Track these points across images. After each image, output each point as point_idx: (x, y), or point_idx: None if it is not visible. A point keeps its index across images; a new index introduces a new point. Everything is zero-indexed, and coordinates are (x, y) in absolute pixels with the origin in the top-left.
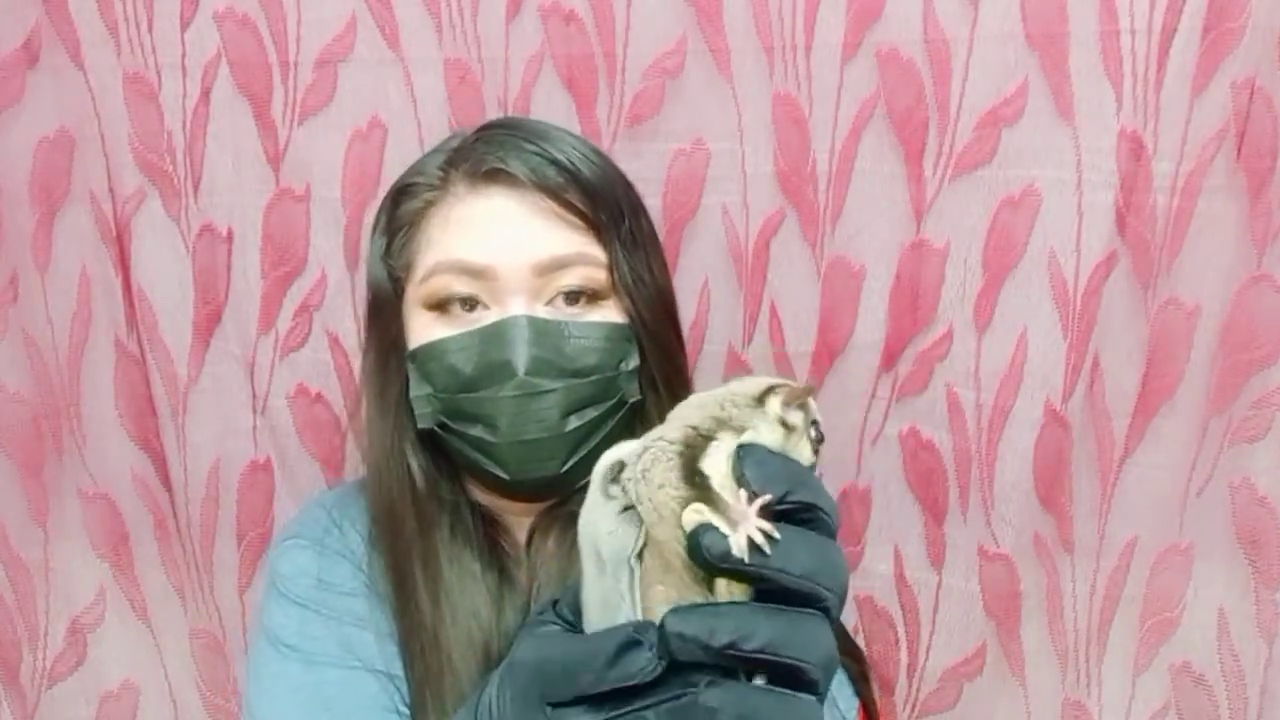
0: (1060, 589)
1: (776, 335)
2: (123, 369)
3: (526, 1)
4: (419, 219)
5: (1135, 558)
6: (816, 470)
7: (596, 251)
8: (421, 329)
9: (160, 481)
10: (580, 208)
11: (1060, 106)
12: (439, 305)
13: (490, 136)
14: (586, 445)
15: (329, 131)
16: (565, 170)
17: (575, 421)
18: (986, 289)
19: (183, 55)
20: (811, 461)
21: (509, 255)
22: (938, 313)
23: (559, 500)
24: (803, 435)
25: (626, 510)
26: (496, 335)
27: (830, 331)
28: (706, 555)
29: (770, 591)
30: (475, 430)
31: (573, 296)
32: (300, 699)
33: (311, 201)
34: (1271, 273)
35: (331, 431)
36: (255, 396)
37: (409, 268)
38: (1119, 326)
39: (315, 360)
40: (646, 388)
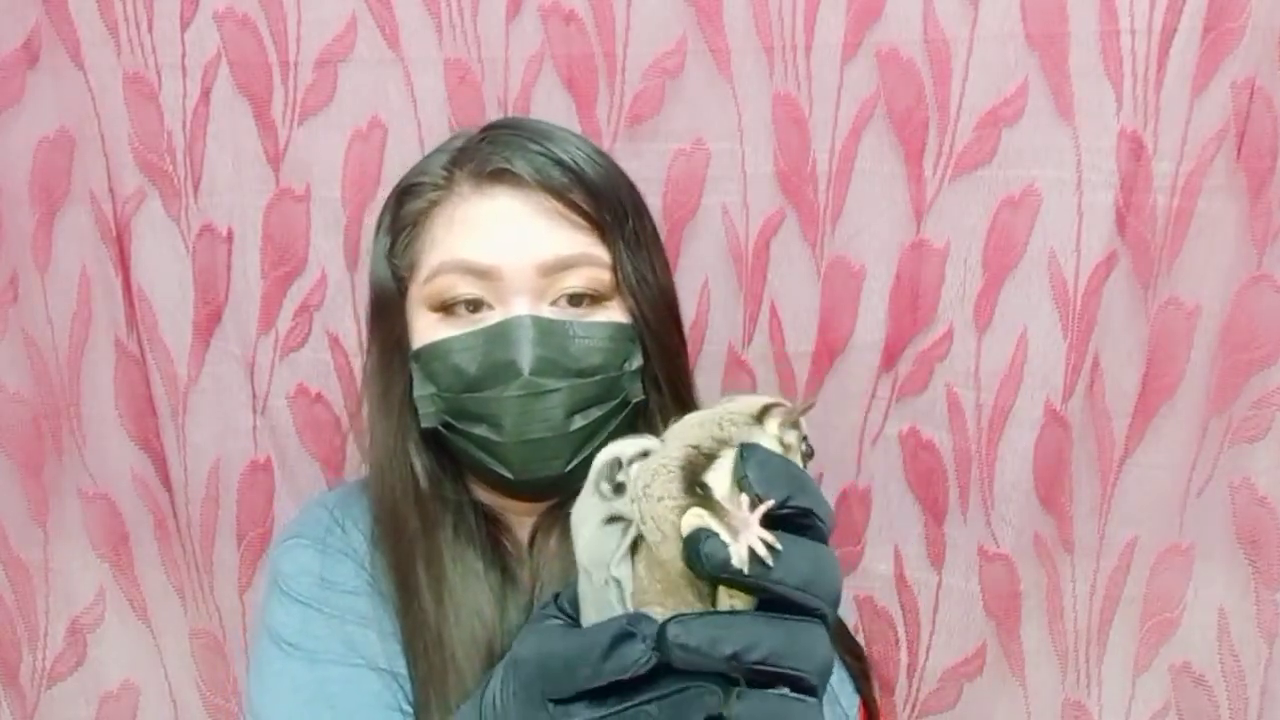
0: (1060, 589)
1: (776, 335)
2: (123, 369)
3: (526, 1)
4: (423, 219)
5: (1135, 558)
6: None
7: (601, 252)
8: (425, 329)
9: (160, 481)
10: (585, 208)
11: (1060, 106)
12: (443, 305)
13: (495, 136)
14: (590, 445)
15: (329, 131)
16: (570, 170)
17: (580, 421)
18: (986, 289)
19: (183, 55)
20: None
21: (514, 256)
22: (938, 313)
23: (561, 500)
24: (796, 452)
25: (612, 521)
26: (501, 335)
27: (830, 331)
28: (705, 563)
29: (771, 600)
30: (480, 430)
31: (577, 297)
32: (303, 697)
33: (311, 201)
34: (1271, 273)
35: (331, 431)
36: (255, 396)
37: (413, 267)
38: (1119, 326)
39: (315, 360)
40: (650, 388)
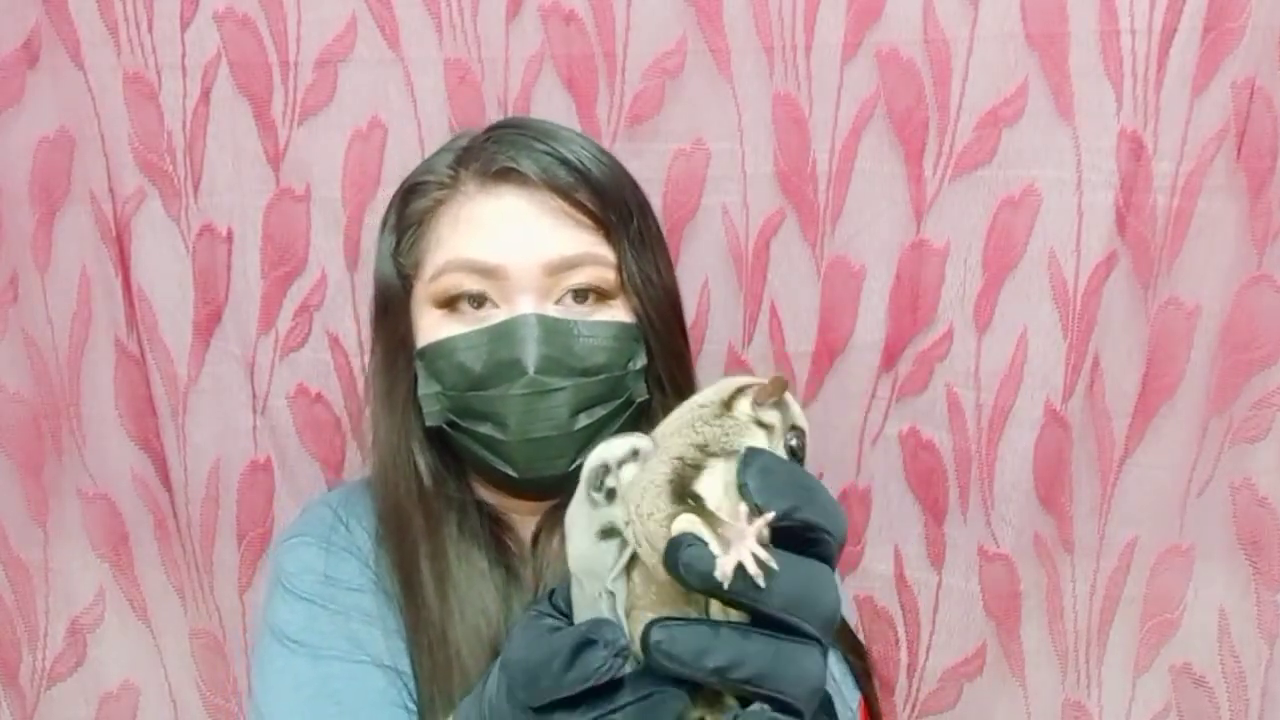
0: (1060, 589)
1: (776, 335)
2: (123, 369)
3: (526, 1)
4: (429, 217)
5: (1135, 558)
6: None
7: (605, 251)
8: (430, 327)
9: (160, 481)
10: (590, 207)
11: (1060, 106)
12: (448, 303)
13: (500, 136)
14: (594, 444)
15: (329, 131)
16: (575, 170)
17: (584, 420)
18: (986, 289)
19: (183, 55)
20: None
21: (519, 254)
22: (938, 313)
23: (564, 499)
24: (778, 435)
25: (607, 536)
26: (506, 334)
27: (830, 331)
28: (683, 573)
29: (771, 620)
30: (484, 428)
31: (581, 295)
32: (307, 693)
33: (311, 201)
34: (1271, 273)
35: (331, 431)
36: (255, 396)
37: (418, 266)
38: (1119, 326)
39: (315, 360)
40: (653, 387)
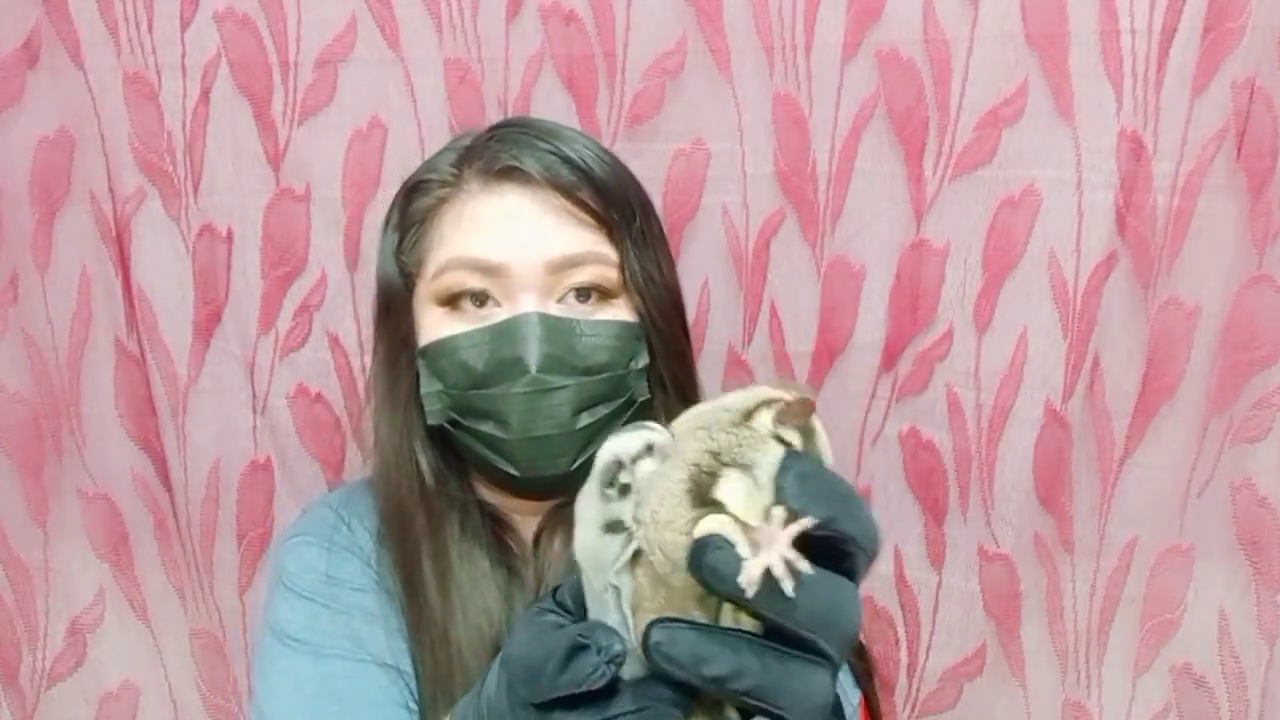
0: (1060, 589)
1: (776, 335)
2: (123, 369)
3: (526, 1)
4: (431, 216)
5: (1135, 558)
6: None
7: (608, 250)
8: (432, 325)
9: (160, 481)
10: (593, 206)
11: (1060, 106)
12: (450, 300)
13: (503, 135)
14: (595, 443)
15: (329, 131)
16: (578, 169)
17: (586, 419)
18: (986, 289)
19: (183, 55)
20: None
21: (522, 253)
22: (938, 313)
23: (566, 499)
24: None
25: (612, 529)
26: (509, 332)
27: (830, 331)
28: (706, 575)
29: (789, 635)
30: (486, 427)
31: (584, 294)
32: (309, 691)
33: (311, 201)
34: (1271, 273)
35: (331, 431)
36: (255, 396)
37: (420, 264)
38: (1119, 326)
39: (315, 360)
40: (655, 386)
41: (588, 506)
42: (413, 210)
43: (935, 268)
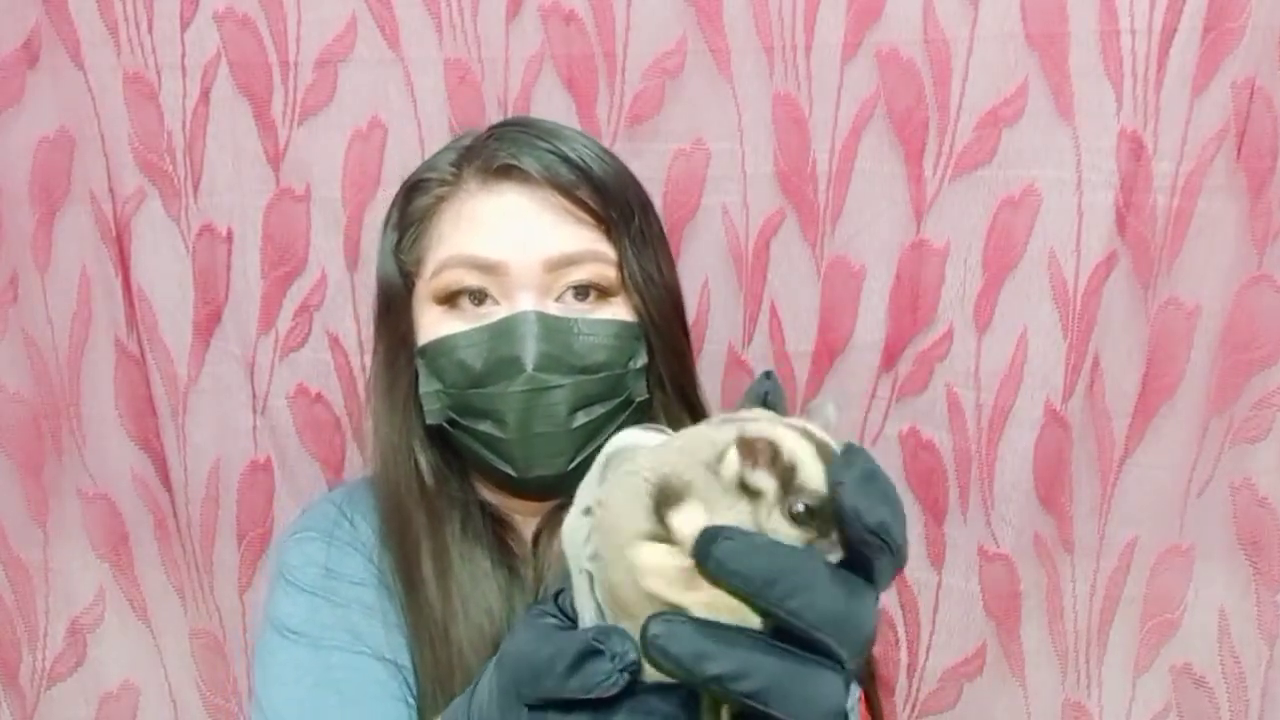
0: (1060, 589)
1: (776, 335)
2: (123, 369)
3: (526, 1)
4: (431, 214)
5: (1135, 558)
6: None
7: (606, 249)
8: (431, 324)
9: (160, 481)
10: (591, 205)
11: (1060, 106)
12: (449, 299)
13: (503, 134)
14: (593, 443)
15: (329, 131)
16: (577, 168)
17: (583, 418)
18: (986, 289)
19: (183, 55)
20: (796, 541)
21: (520, 251)
22: (938, 313)
23: (565, 501)
24: (773, 508)
25: (588, 512)
26: (506, 331)
27: (830, 331)
28: (713, 568)
29: (798, 636)
30: (484, 426)
31: (582, 293)
32: (309, 683)
33: (311, 201)
34: (1271, 273)
35: (331, 431)
36: (255, 396)
37: (420, 263)
38: (1119, 326)
39: (315, 360)
40: (654, 386)
41: (582, 490)
42: (412, 209)
43: (935, 268)
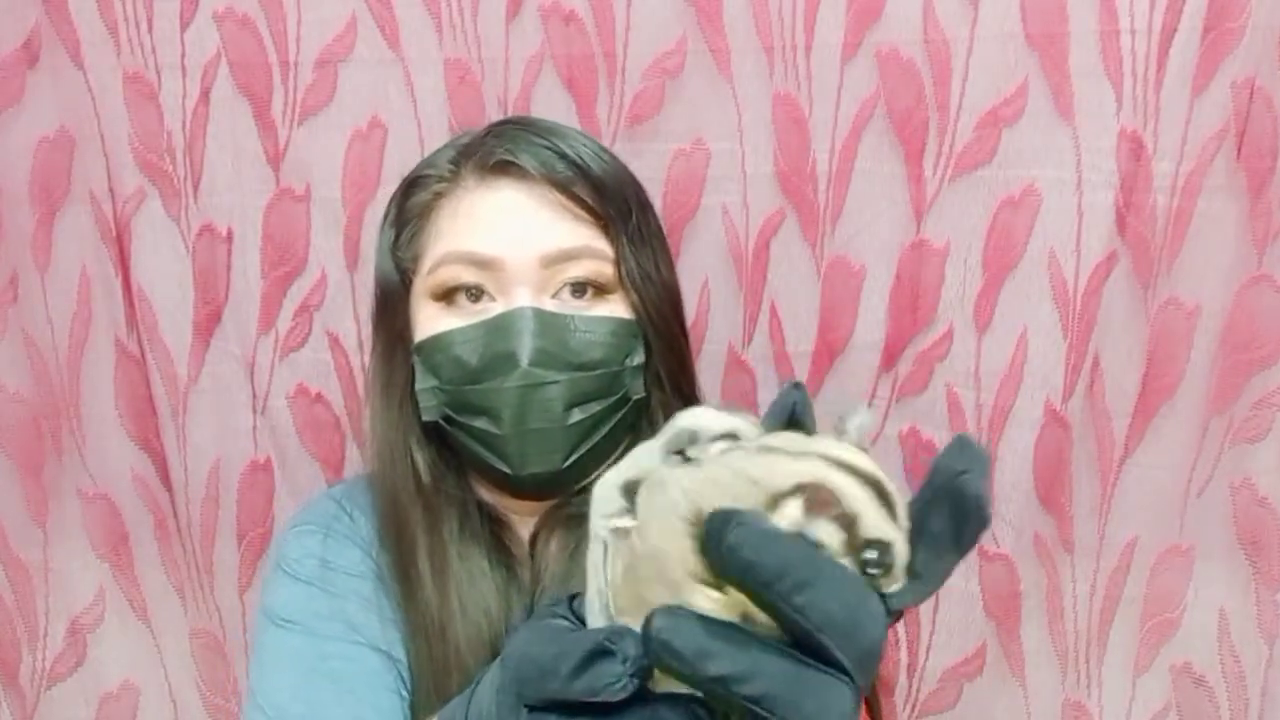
0: (1060, 589)
1: (776, 335)
2: (123, 369)
3: (526, 1)
4: (428, 211)
5: (1135, 558)
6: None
7: (604, 245)
8: (427, 320)
9: (160, 481)
10: (588, 202)
11: (1060, 106)
12: (445, 295)
13: (501, 131)
14: (589, 441)
15: (329, 131)
16: (574, 164)
17: (578, 415)
18: (986, 289)
19: (183, 55)
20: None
21: (517, 247)
22: (938, 313)
23: (562, 501)
24: (842, 559)
25: (630, 489)
26: (502, 327)
27: (830, 331)
28: (725, 554)
29: (802, 638)
30: (479, 422)
31: (579, 289)
32: (303, 669)
33: (311, 201)
34: (1271, 273)
35: (331, 431)
36: (255, 396)
37: (417, 259)
38: (1119, 326)
39: (315, 360)
40: (652, 385)
41: (638, 457)
42: (409, 206)
43: (935, 268)
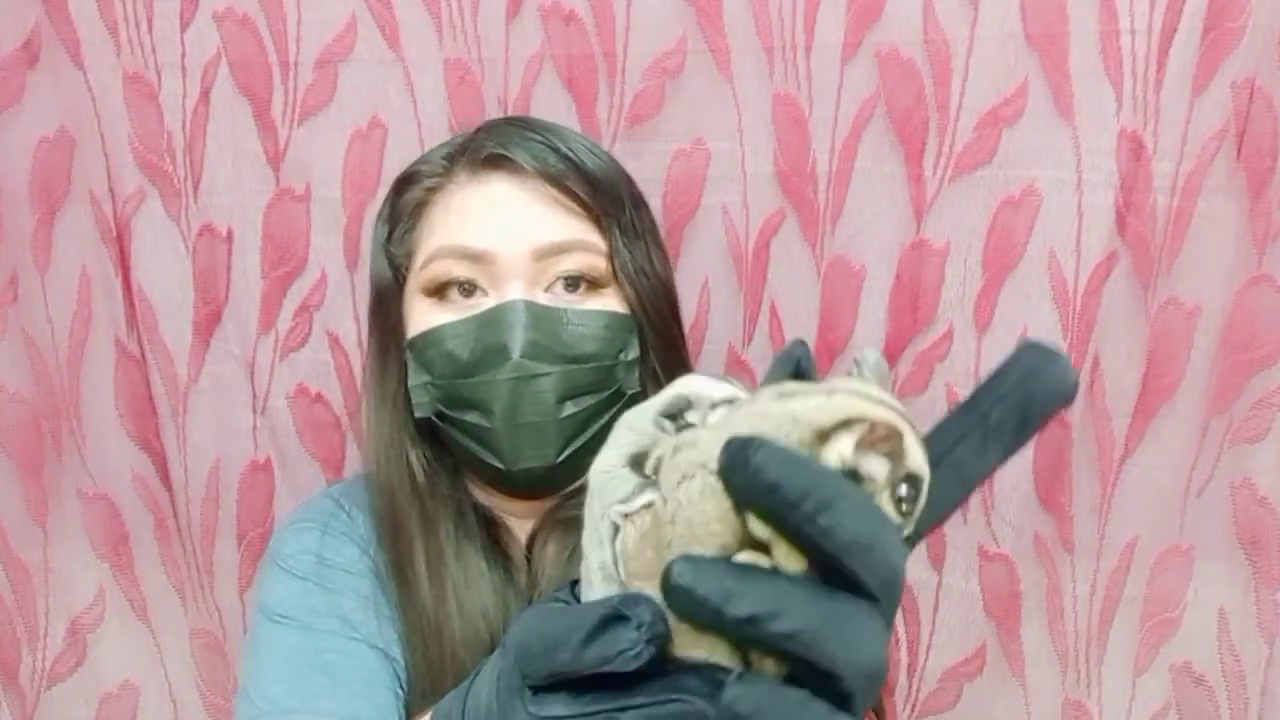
0: (1060, 589)
1: (776, 335)
2: (123, 369)
3: (526, 1)
4: (421, 208)
5: (1135, 558)
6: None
7: (596, 239)
8: (420, 316)
9: (160, 481)
10: (581, 195)
11: (1060, 106)
12: (438, 290)
13: (493, 126)
14: (582, 436)
15: (329, 131)
16: (566, 158)
17: (571, 408)
18: (986, 289)
19: (183, 55)
20: (903, 531)
21: (509, 240)
22: (938, 313)
23: (559, 503)
24: (882, 493)
25: (638, 463)
26: (494, 320)
27: (830, 331)
28: (750, 478)
29: (829, 564)
30: (471, 417)
31: (572, 283)
32: (298, 663)
33: (311, 201)
34: (1271, 273)
35: (331, 431)
36: (255, 396)
37: (410, 256)
38: (1119, 326)
39: (315, 360)
40: (647, 380)
41: (632, 426)
42: (402, 202)
43: (935, 268)
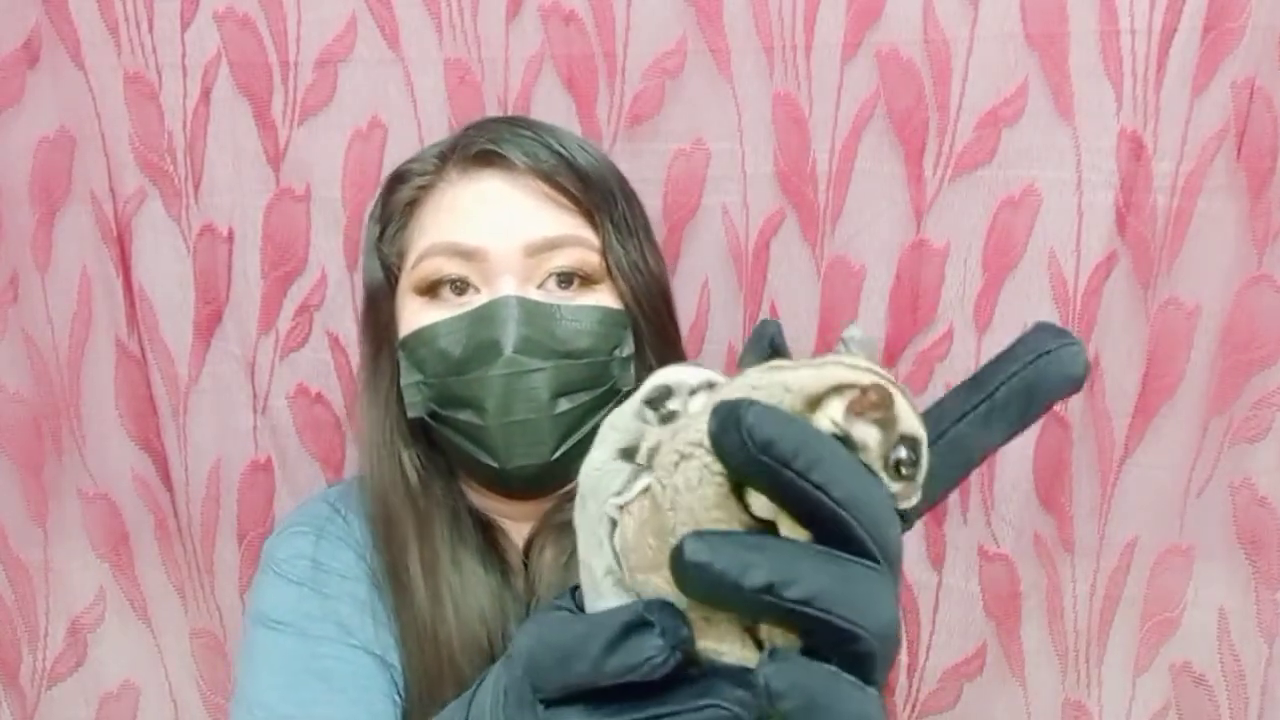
0: (1060, 589)
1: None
2: (123, 369)
3: (526, 1)
4: (413, 206)
5: (1135, 558)
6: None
7: (589, 234)
8: (412, 315)
9: (160, 481)
10: (572, 191)
11: (1060, 106)
12: (430, 289)
13: (484, 124)
14: (577, 433)
15: (329, 131)
16: (557, 154)
17: (565, 404)
18: (986, 289)
19: (183, 55)
20: (897, 498)
21: (500, 236)
22: (938, 313)
23: (556, 506)
24: (875, 457)
25: (626, 454)
26: (486, 316)
27: (830, 331)
28: (744, 437)
29: (827, 524)
30: (464, 415)
31: (565, 279)
32: (294, 669)
33: (311, 201)
34: (1271, 273)
35: (331, 431)
36: (255, 396)
37: (402, 255)
38: (1119, 326)
39: (315, 360)
40: (643, 376)
41: (615, 425)
42: (393, 202)
43: (935, 268)
